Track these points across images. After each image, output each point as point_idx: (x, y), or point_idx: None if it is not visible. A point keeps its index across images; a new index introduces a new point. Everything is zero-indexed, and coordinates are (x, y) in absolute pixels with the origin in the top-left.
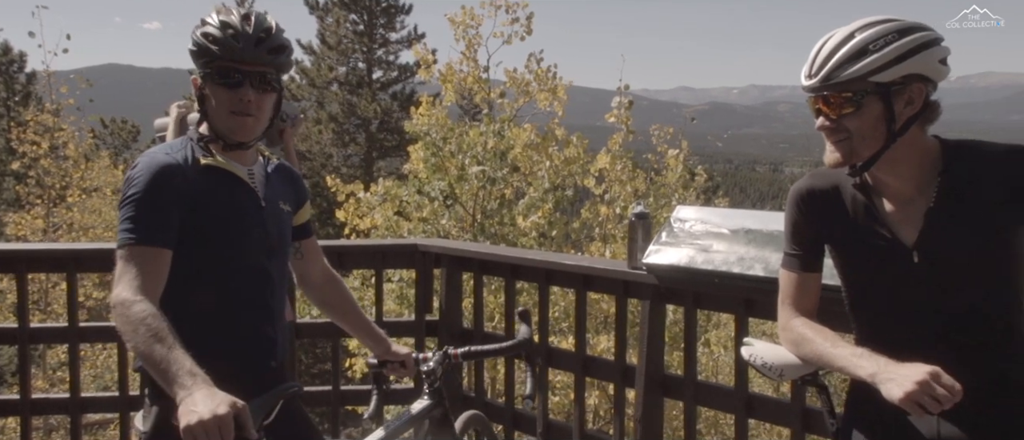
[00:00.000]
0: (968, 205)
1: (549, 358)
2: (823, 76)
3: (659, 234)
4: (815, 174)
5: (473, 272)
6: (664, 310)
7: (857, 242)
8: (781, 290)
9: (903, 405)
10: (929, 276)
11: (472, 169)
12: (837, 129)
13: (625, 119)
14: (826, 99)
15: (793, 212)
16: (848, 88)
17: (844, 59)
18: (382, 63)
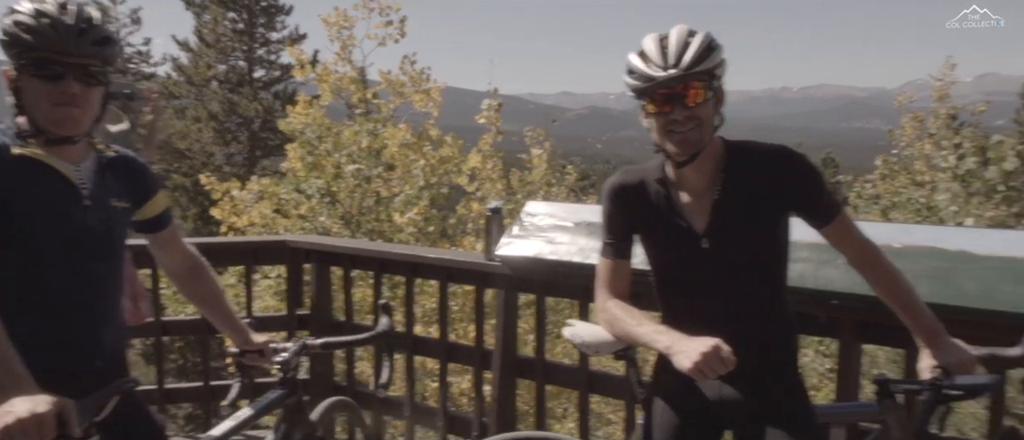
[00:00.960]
0: (745, 197)
1: (416, 346)
2: (687, 65)
3: (511, 228)
4: (625, 171)
5: (342, 267)
6: (517, 298)
7: (659, 231)
8: (598, 275)
9: (690, 374)
10: (716, 259)
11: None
12: (692, 117)
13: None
14: (690, 87)
15: (607, 205)
16: (703, 77)
17: (701, 50)
18: (263, 62)
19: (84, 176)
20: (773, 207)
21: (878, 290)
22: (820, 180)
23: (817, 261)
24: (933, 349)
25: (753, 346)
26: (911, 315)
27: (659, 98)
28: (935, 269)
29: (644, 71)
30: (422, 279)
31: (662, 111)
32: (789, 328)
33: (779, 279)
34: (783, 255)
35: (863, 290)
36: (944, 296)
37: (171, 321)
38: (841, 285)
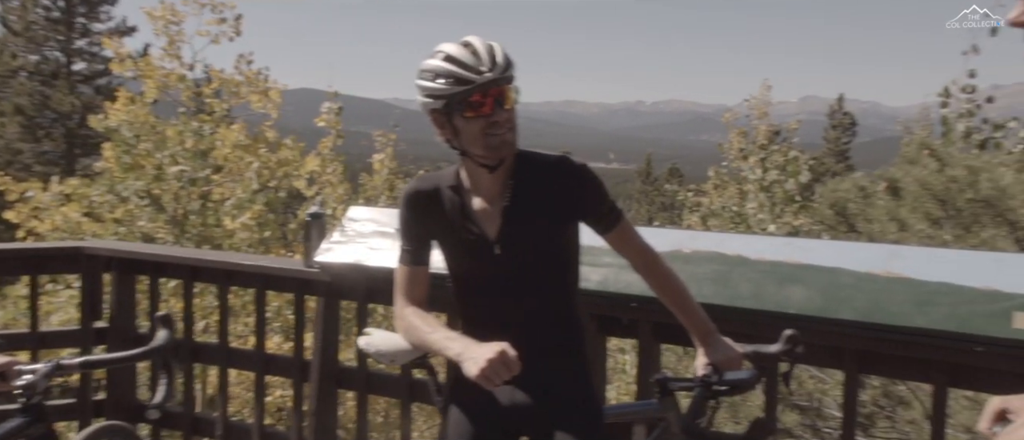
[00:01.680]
0: (532, 205)
1: (229, 359)
2: (502, 67)
3: (332, 233)
4: (421, 178)
5: (148, 275)
6: (338, 306)
7: (454, 237)
8: (396, 282)
9: (477, 380)
10: (507, 265)
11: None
12: (507, 121)
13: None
14: (504, 90)
15: (404, 212)
16: (512, 81)
17: (506, 55)
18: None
19: None
20: (559, 214)
21: (657, 292)
22: (600, 189)
23: (618, 266)
24: (705, 347)
25: (544, 350)
26: (686, 315)
27: (476, 102)
28: (716, 272)
29: (462, 74)
30: (239, 287)
31: (481, 114)
32: (578, 331)
33: (568, 284)
34: (572, 261)
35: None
36: (723, 297)
37: None
38: (639, 288)
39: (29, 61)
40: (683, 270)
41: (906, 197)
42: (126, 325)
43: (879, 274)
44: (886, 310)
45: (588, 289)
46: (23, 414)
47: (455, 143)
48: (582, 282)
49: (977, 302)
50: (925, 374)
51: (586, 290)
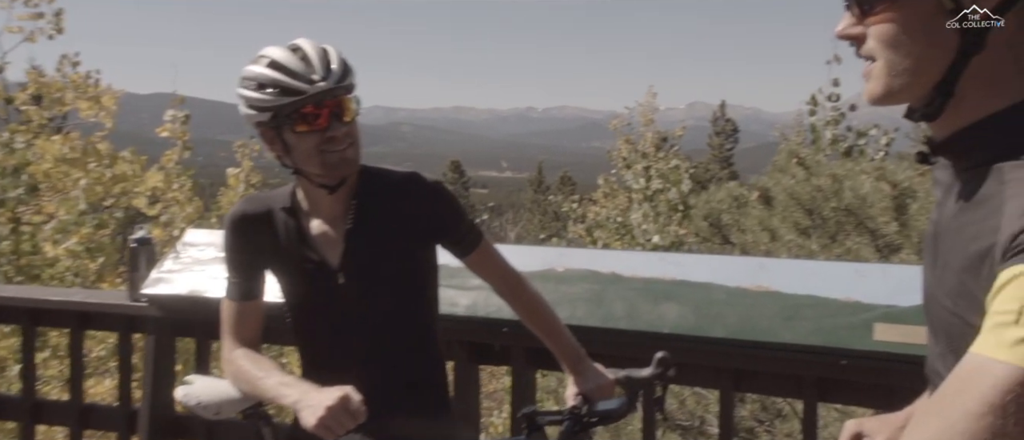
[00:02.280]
0: (380, 227)
1: (36, 413)
2: (338, 76)
3: (163, 261)
4: (249, 199)
5: None
6: (172, 344)
7: (290, 266)
8: (223, 321)
9: (316, 431)
10: (354, 294)
11: None
12: (349, 134)
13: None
14: (342, 101)
15: (229, 238)
16: (352, 91)
17: (344, 61)
18: None
19: None
20: (410, 237)
21: (523, 318)
22: (457, 208)
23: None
24: (575, 376)
25: (397, 389)
26: (554, 342)
27: (309, 114)
28: (590, 291)
29: (290, 83)
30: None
31: (315, 128)
32: (437, 366)
33: (424, 313)
34: (428, 287)
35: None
36: (596, 317)
37: None
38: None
39: None
40: (556, 290)
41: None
42: None
43: (749, 288)
44: (756, 326)
45: (457, 315)
46: None
47: (287, 161)
48: (450, 307)
49: (840, 314)
50: (796, 389)
51: (454, 316)
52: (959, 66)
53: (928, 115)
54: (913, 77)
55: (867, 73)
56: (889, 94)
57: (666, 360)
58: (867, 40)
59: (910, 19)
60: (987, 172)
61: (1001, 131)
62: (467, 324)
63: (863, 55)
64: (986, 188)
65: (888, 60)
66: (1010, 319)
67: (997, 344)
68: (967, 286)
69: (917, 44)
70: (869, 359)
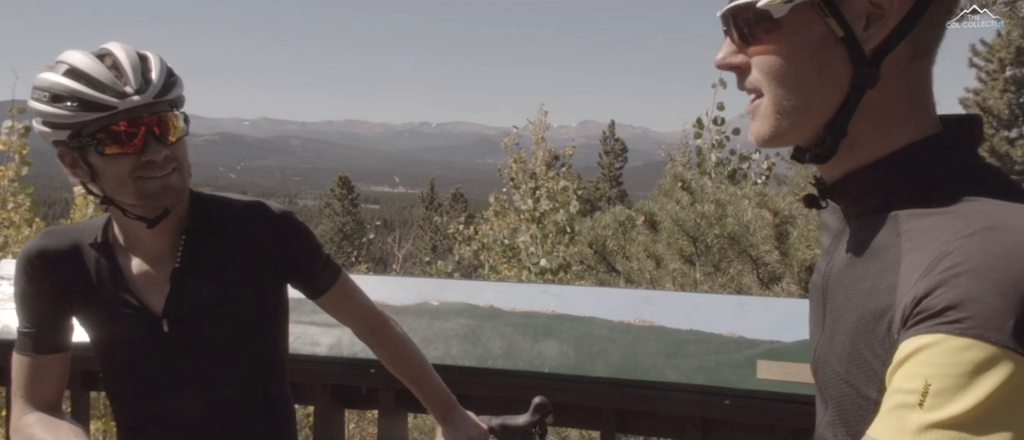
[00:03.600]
0: (215, 265)
1: None
2: (158, 90)
3: None
4: (49, 233)
5: None
6: None
7: (103, 313)
8: (13, 380)
9: None
10: (181, 346)
11: None
12: (172, 157)
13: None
14: (164, 119)
15: (22, 282)
16: (178, 107)
17: (166, 72)
18: None
19: None
20: (253, 276)
21: (386, 362)
22: (310, 242)
23: None
24: (444, 426)
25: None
26: (421, 388)
27: (120, 134)
28: (466, 327)
29: (94, 97)
30: None
31: (129, 150)
32: (286, 419)
33: (269, 363)
34: (273, 332)
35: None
36: (473, 357)
37: None
38: None
39: None
40: (430, 326)
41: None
42: None
43: (632, 323)
44: (639, 364)
45: (318, 355)
46: None
47: (94, 189)
48: (311, 347)
49: (724, 351)
50: (679, 430)
51: (316, 356)
52: (852, 102)
53: (819, 156)
54: (803, 115)
55: (752, 110)
56: (777, 135)
57: (544, 406)
58: (751, 71)
59: (797, 50)
60: (882, 220)
61: (896, 174)
62: (330, 365)
63: (747, 88)
64: (880, 238)
65: (775, 96)
66: (913, 400)
67: (900, 430)
68: (861, 352)
69: (805, 76)
70: (753, 398)
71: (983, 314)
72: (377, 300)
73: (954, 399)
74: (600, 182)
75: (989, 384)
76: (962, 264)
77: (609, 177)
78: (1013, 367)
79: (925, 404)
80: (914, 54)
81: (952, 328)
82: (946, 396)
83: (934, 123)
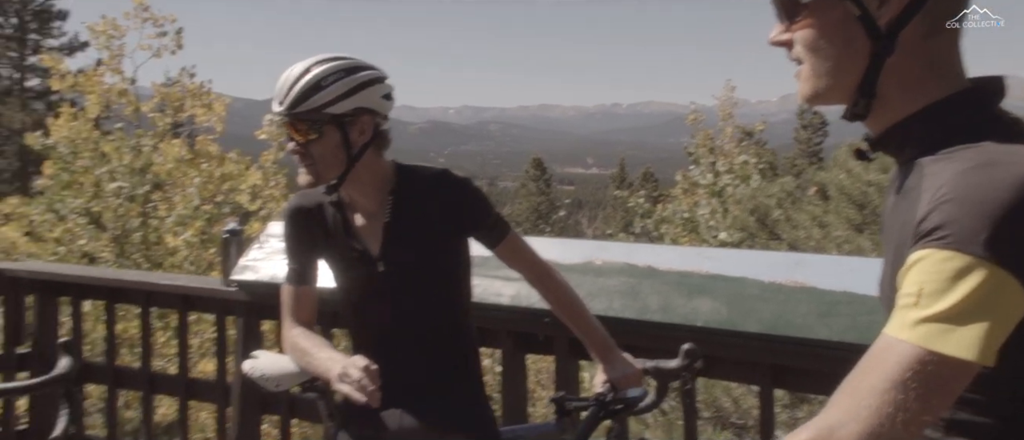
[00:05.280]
0: (413, 221)
1: (153, 384)
2: (288, 106)
3: (250, 250)
4: (303, 194)
5: (71, 297)
6: (258, 326)
7: (338, 255)
8: (282, 303)
9: (337, 389)
10: (391, 282)
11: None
12: (305, 154)
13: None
14: (294, 126)
15: (286, 229)
16: (309, 118)
17: (303, 92)
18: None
19: None
20: (442, 230)
21: (552, 306)
22: (483, 202)
23: None
24: (604, 364)
25: (433, 369)
26: (582, 330)
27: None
28: (626, 284)
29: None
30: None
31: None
32: (471, 350)
33: (457, 300)
34: (460, 276)
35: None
36: (632, 310)
37: None
38: None
39: None
40: (594, 283)
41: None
42: (49, 350)
43: (784, 283)
44: (791, 322)
45: (502, 304)
46: None
47: None
48: (495, 297)
49: (876, 312)
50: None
51: (501, 305)
52: (874, 69)
53: (857, 115)
54: (834, 79)
55: (797, 75)
56: (816, 95)
57: (693, 351)
58: (794, 46)
59: (825, 25)
60: (913, 167)
61: (921, 128)
62: (512, 314)
63: (793, 59)
64: (910, 181)
65: (812, 63)
66: (911, 301)
67: (900, 324)
68: (896, 272)
69: (834, 48)
70: None
71: (960, 232)
72: (547, 259)
73: (940, 299)
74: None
75: (966, 286)
76: (950, 194)
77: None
78: (986, 273)
79: (919, 303)
80: (930, 27)
81: (938, 244)
82: (934, 296)
83: (959, 84)
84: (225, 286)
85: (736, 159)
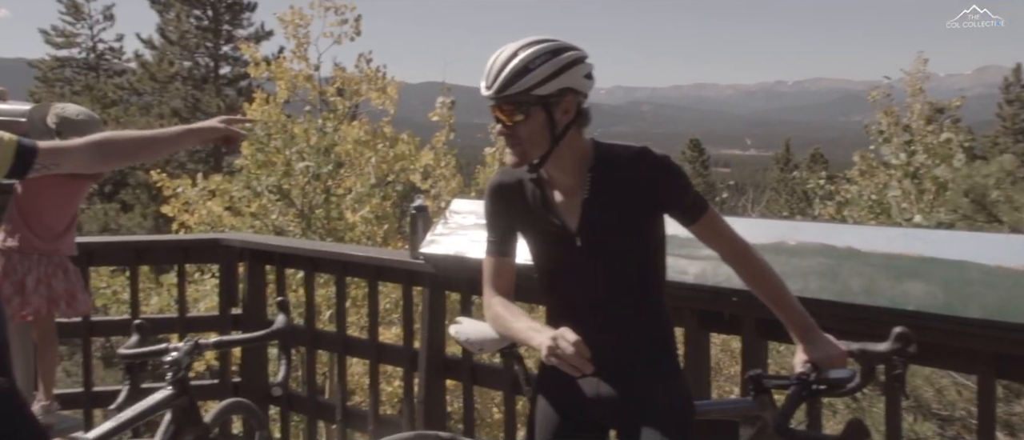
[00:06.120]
0: (612, 198)
1: (346, 347)
2: (496, 89)
3: (435, 226)
4: (504, 171)
5: (275, 265)
6: (443, 296)
7: (537, 229)
8: (483, 273)
9: (546, 360)
10: (589, 257)
11: (297, 164)
12: (512, 135)
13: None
14: (502, 109)
15: (488, 204)
16: (517, 100)
17: (511, 75)
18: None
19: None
20: (640, 207)
21: (749, 285)
22: (682, 180)
23: (718, 258)
24: (804, 344)
25: (628, 343)
26: (782, 310)
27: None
28: (824, 265)
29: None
30: (353, 278)
31: (498, 123)
32: (665, 324)
33: (652, 276)
34: (656, 253)
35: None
36: (831, 292)
37: (100, 321)
38: (740, 282)
39: (183, 67)
40: (787, 263)
41: None
42: (257, 311)
43: (1013, 268)
44: (1020, 308)
45: (686, 283)
46: (173, 387)
47: None
48: (680, 275)
49: None
50: None
51: (685, 283)
52: None
53: None
54: None
55: None
56: None
57: (906, 335)
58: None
59: None
60: None
61: None
62: (696, 292)
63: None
64: None
65: None
66: None
67: None
68: None
69: None
70: None
71: None
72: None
73: None
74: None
75: None
76: None
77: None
78: None
79: None
80: None
81: None
82: None
83: None
84: (413, 258)
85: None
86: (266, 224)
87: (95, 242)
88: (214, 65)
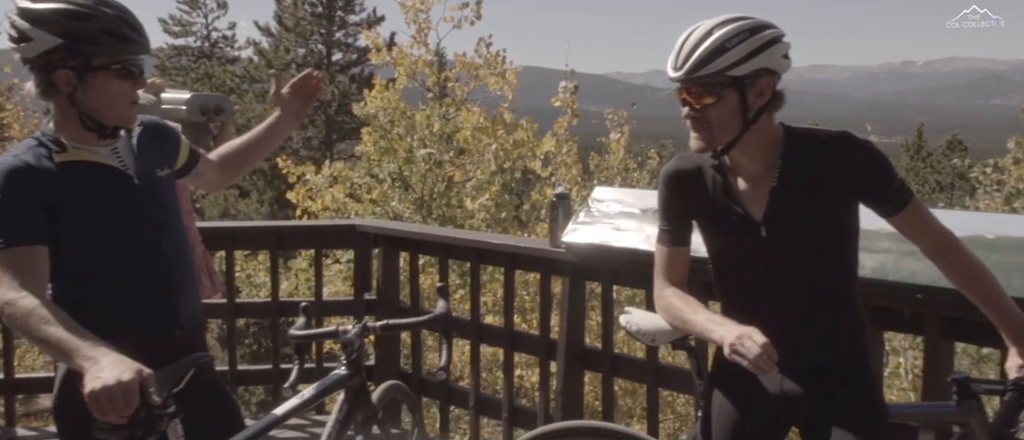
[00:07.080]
0: (804, 185)
1: (481, 334)
2: (687, 70)
3: (577, 214)
4: (681, 157)
5: (409, 252)
6: (583, 287)
7: (716, 218)
8: (656, 262)
9: (728, 358)
10: (775, 247)
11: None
12: (700, 118)
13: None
14: (690, 91)
15: (663, 191)
16: (709, 81)
17: (705, 55)
18: (341, 45)
19: (124, 157)
20: (835, 195)
21: (956, 282)
22: (886, 168)
23: (899, 252)
24: (1020, 347)
25: (815, 339)
26: (994, 310)
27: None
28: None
29: (667, 69)
30: (488, 266)
31: (684, 107)
32: (856, 321)
33: (844, 270)
34: (848, 245)
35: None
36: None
37: (244, 303)
38: (925, 278)
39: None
40: (987, 258)
41: None
42: (391, 297)
43: None
44: None
45: (862, 277)
46: (347, 367)
47: None
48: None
49: None
50: None
51: (859, 278)
52: None
53: None
54: None
55: None
56: None
57: None
58: None
59: None
60: None
61: None
62: (872, 287)
63: None
64: None
65: None
66: None
67: None
68: None
69: None
70: None
71: None
72: None
73: None
74: None
75: None
76: None
77: None
78: None
79: None
80: None
81: None
82: None
83: None
84: (553, 246)
85: None
86: (386, 211)
87: (238, 227)
88: (326, 51)
